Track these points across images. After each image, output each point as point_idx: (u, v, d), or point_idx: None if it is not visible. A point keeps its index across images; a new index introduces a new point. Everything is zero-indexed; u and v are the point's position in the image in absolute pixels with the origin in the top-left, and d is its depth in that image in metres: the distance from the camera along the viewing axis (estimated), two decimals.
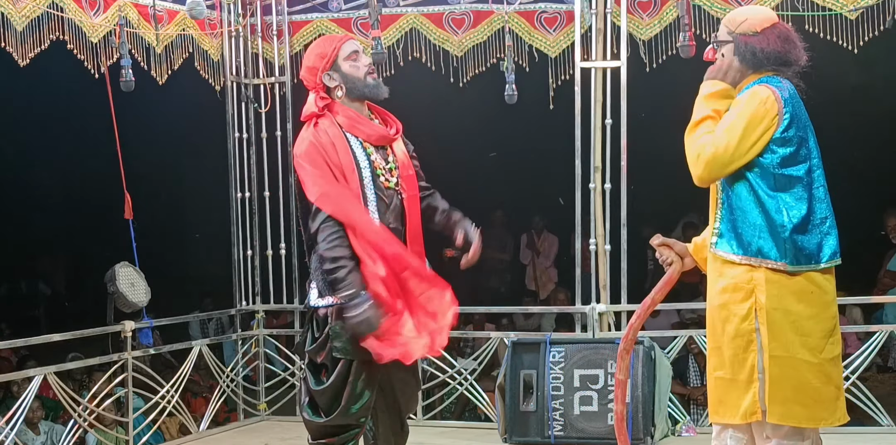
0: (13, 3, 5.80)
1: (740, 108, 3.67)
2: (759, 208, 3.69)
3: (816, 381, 3.68)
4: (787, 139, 3.69)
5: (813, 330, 3.68)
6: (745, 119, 3.64)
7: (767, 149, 3.67)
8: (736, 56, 3.76)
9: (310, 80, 4.46)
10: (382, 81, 4.55)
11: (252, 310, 7.43)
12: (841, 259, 3.77)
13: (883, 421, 6.31)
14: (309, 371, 4.39)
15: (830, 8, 6.20)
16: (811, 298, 3.68)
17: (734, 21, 3.80)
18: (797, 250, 3.66)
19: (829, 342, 3.71)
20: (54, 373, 6.13)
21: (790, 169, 3.70)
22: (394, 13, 6.98)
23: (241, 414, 7.31)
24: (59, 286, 14.81)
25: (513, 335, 6.88)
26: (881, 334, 6.45)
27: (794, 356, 3.66)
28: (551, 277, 11.55)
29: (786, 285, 3.66)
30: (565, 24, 6.75)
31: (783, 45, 3.75)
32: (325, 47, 4.45)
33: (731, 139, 3.63)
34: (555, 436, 6.15)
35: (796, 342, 3.65)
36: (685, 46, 6.09)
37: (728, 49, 3.78)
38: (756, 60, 3.74)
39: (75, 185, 12.36)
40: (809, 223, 3.69)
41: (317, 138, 4.33)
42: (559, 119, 6.91)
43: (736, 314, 3.70)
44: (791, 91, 3.74)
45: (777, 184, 3.69)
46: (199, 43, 7.01)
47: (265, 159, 7.31)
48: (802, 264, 3.67)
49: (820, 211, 3.73)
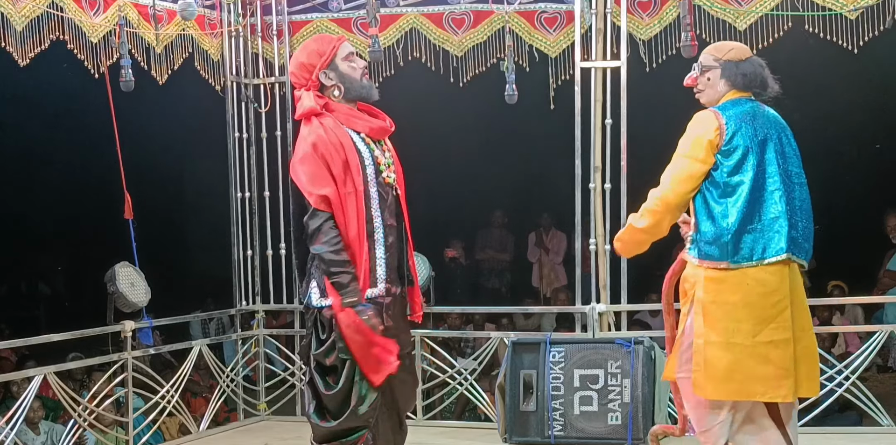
0: (13, 3, 5.80)
1: (687, 134, 4.35)
2: (708, 214, 4.30)
3: (751, 361, 4.22)
4: (732, 150, 4.27)
5: (747, 317, 4.22)
6: (687, 145, 4.32)
7: (717, 161, 4.28)
8: (723, 79, 4.40)
9: (303, 77, 4.43)
10: (383, 81, 4.57)
11: (252, 310, 7.43)
12: (797, 255, 4.28)
13: (883, 421, 6.31)
14: (317, 375, 4.33)
15: (830, 8, 6.20)
16: (747, 290, 4.23)
17: (721, 50, 4.48)
18: (738, 249, 4.24)
19: (770, 328, 4.22)
20: (54, 373, 6.13)
21: (736, 177, 4.27)
22: (394, 13, 6.98)
23: (241, 414, 7.30)
24: (59, 286, 14.80)
25: (513, 335, 6.88)
26: (881, 334, 6.45)
27: (729, 340, 4.23)
28: (559, 276, 11.55)
29: (724, 280, 4.25)
30: (565, 24, 6.76)
31: (763, 71, 4.45)
32: (324, 46, 4.43)
33: (671, 181, 4.34)
34: (555, 436, 6.15)
35: (731, 328, 4.22)
36: (687, 46, 6.09)
37: (714, 74, 4.42)
38: (746, 81, 4.39)
39: (75, 185, 12.35)
40: (753, 225, 4.25)
41: (322, 136, 4.30)
42: (559, 119, 6.91)
43: (683, 308, 4.39)
44: (747, 110, 4.36)
45: (724, 191, 4.28)
46: (199, 43, 7.01)
47: (265, 159, 7.31)
48: (743, 262, 4.24)
49: (771, 212, 4.26)
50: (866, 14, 6.15)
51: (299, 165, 4.34)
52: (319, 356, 4.30)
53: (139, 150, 7.75)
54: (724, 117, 4.30)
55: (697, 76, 4.46)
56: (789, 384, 4.25)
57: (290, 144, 7.22)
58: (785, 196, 4.27)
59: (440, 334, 8.25)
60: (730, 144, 4.27)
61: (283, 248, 7.29)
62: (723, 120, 4.28)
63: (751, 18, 6.36)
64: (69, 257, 14.27)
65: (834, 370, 6.45)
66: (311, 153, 4.30)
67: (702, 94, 4.47)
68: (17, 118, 11.32)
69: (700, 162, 4.29)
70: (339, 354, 4.25)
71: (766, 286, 4.24)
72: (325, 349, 4.28)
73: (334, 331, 4.26)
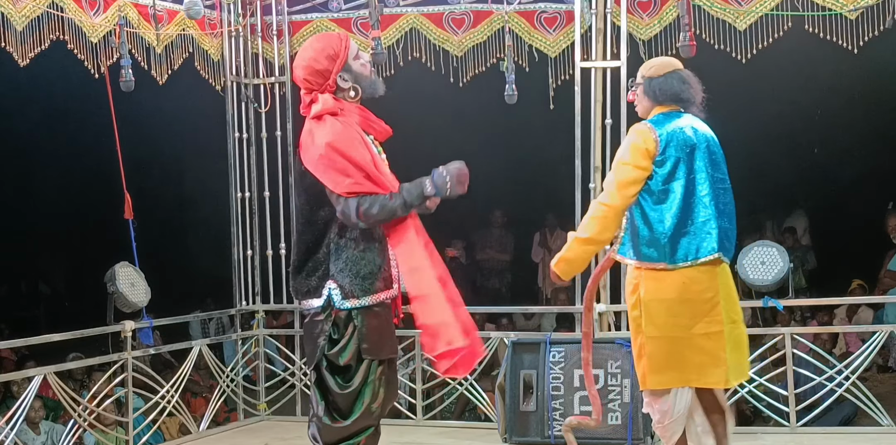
0: (13, 3, 5.80)
1: (625, 145, 4.75)
2: (644, 220, 4.68)
3: (687, 351, 4.64)
4: (664, 160, 4.65)
5: (683, 312, 4.63)
6: (628, 154, 4.70)
7: (652, 170, 4.66)
8: (645, 95, 4.81)
9: (317, 82, 4.28)
10: (382, 80, 4.52)
11: (252, 310, 7.43)
12: (725, 254, 4.67)
13: (883, 421, 6.31)
14: (329, 375, 4.28)
15: (830, 8, 6.20)
16: (683, 287, 4.63)
17: (646, 67, 4.86)
18: (675, 251, 4.63)
19: (704, 321, 4.63)
20: (54, 373, 6.13)
21: (669, 185, 4.65)
22: (394, 13, 6.98)
23: (241, 414, 7.31)
24: (59, 286, 14.82)
25: (513, 335, 6.88)
26: (881, 334, 6.45)
27: (667, 334, 4.65)
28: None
29: (663, 279, 4.65)
30: (565, 24, 6.76)
31: (680, 86, 4.75)
32: (335, 47, 4.29)
33: (616, 187, 4.70)
34: (555, 436, 6.15)
35: (669, 323, 4.64)
36: (685, 46, 6.08)
37: (640, 89, 4.83)
38: (660, 96, 4.76)
39: (75, 185, 12.35)
40: (687, 228, 4.64)
41: (347, 130, 4.19)
42: (559, 119, 6.91)
43: (629, 306, 4.76)
44: (677, 122, 4.71)
45: (659, 198, 4.67)
46: (199, 43, 7.01)
47: (265, 159, 7.31)
48: (679, 262, 4.63)
49: (701, 216, 4.64)
50: (866, 14, 6.15)
51: (328, 153, 4.14)
52: (333, 357, 4.25)
53: (139, 150, 7.76)
54: (658, 130, 4.68)
55: (633, 91, 4.89)
56: (721, 372, 4.66)
57: (290, 144, 7.22)
58: (714, 200, 4.66)
59: None
60: (663, 154, 4.66)
61: (283, 248, 7.29)
62: (656, 133, 4.67)
63: (751, 18, 6.36)
64: (69, 257, 14.28)
65: (834, 370, 6.45)
66: (338, 142, 4.16)
67: (637, 107, 4.89)
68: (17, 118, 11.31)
69: (641, 169, 4.66)
70: (362, 354, 4.23)
71: (700, 283, 4.64)
72: (339, 348, 4.25)
73: (355, 330, 4.24)
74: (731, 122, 11.26)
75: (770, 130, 10.76)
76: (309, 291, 4.31)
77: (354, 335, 4.24)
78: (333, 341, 4.27)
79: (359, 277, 4.26)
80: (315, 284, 4.29)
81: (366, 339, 4.23)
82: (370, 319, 4.25)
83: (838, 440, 6.22)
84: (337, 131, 4.19)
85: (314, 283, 4.29)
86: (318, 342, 4.28)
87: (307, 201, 4.30)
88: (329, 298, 4.26)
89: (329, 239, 4.26)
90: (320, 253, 4.29)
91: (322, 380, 4.30)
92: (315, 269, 4.30)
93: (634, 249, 4.72)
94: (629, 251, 4.75)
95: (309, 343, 4.36)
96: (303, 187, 4.31)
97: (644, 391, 4.84)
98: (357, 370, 4.25)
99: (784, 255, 6.48)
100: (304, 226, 4.34)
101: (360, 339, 4.23)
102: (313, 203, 4.27)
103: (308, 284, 4.31)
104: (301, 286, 4.34)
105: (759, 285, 6.48)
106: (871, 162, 10.98)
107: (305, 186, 4.28)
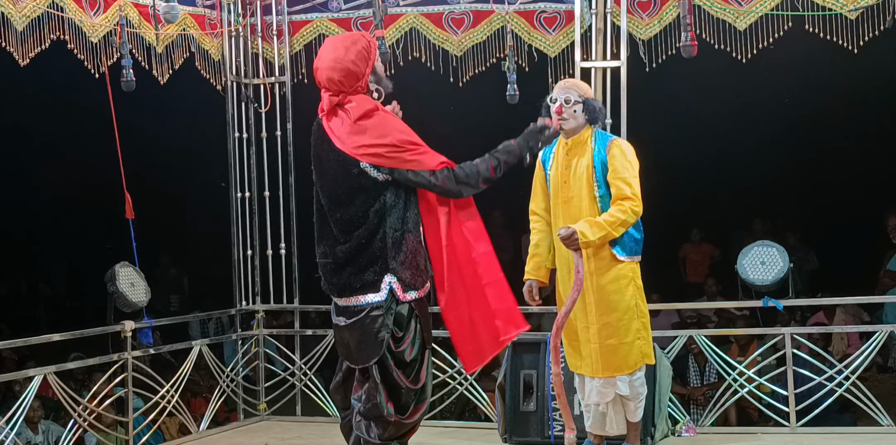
0: (13, 3, 5.80)
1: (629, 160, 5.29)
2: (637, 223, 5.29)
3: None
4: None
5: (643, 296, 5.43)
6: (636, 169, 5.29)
7: None
8: (584, 113, 5.27)
9: (350, 84, 4.29)
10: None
11: (252, 310, 7.43)
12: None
13: (883, 421, 6.31)
14: (399, 370, 4.28)
15: (830, 8, 6.20)
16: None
17: (583, 89, 5.35)
18: (642, 246, 5.36)
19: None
20: (54, 373, 6.13)
21: None
22: (394, 13, 6.98)
23: (241, 414, 7.31)
24: (59, 286, 14.82)
25: None
26: (881, 334, 6.45)
27: (647, 316, 5.41)
28: None
29: (637, 268, 5.36)
30: (565, 23, 6.76)
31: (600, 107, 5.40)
32: (367, 48, 4.30)
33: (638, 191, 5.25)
34: (555, 436, 6.14)
35: (645, 308, 5.40)
36: (687, 46, 6.08)
37: (580, 107, 5.27)
38: (596, 116, 5.30)
39: (75, 185, 12.36)
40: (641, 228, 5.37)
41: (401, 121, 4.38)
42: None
43: (624, 295, 5.28)
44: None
45: None
46: (200, 43, 7.02)
47: (265, 159, 7.31)
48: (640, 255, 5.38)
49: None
50: (866, 14, 6.15)
51: (402, 142, 4.28)
52: (401, 354, 4.28)
53: (140, 150, 7.75)
54: None
55: (563, 107, 5.25)
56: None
57: (290, 144, 7.22)
58: None
59: (440, 334, 8.22)
60: None
61: (282, 248, 7.29)
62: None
63: (751, 18, 6.36)
64: (69, 257, 14.29)
65: (834, 370, 6.45)
66: (407, 135, 4.34)
67: (566, 123, 5.26)
68: (17, 118, 11.33)
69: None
70: (424, 345, 4.35)
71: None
72: (406, 344, 4.28)
73: (417, 323, 4.31)
74: (731, 122, 11.33)
75: (770, 130, 10.78)
76: (364, 286, 4.26)
77: (418, 328, 4.27)
78: (399, 338, 4.27)
79: (419, 269, 4.28)
80: (371, 278, 4.26)
81: (425, 329, 4.34)
82: (423, 309, 4.35)
83: (838, 440, 6.22)
84: (398, 121, 4.35)
85: (370, 277, 4.26)
86: (380, 337, 4.24)
87: (358, 197, 4.27)
88: (391, 291, 4.24)
89: (384, 233, 4.24)
90: (374, 247, 4.25)
91: (388, 376, 4.28)
92: (371, 263, 4.25)
93: (629, 247, 5.30)
94: (625, 250, 5.30)
95: (366, 339, 4.27)
96: (357, 185, 4.26)
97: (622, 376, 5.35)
98: (422, 364, 4.33)
99: (784, 255, 6.48)
100: (350, 221, 4.28)
101: (422, 330, 4.33)
102: (365, 197, 4.26)
103: (362, 279, 4.26)
104: (353, 282, 4.27)
105: (759, 285, 6.48)
106: (871, 162, 10.99)
107: (361, 183, 4.25)
